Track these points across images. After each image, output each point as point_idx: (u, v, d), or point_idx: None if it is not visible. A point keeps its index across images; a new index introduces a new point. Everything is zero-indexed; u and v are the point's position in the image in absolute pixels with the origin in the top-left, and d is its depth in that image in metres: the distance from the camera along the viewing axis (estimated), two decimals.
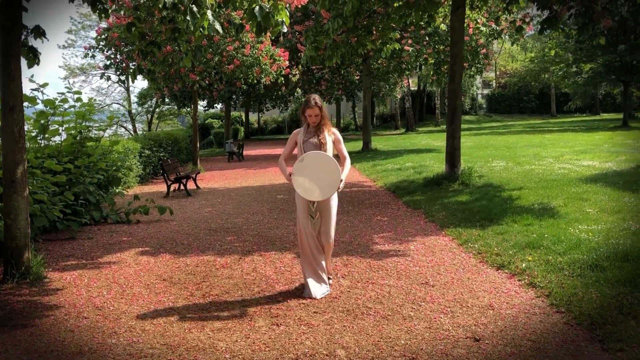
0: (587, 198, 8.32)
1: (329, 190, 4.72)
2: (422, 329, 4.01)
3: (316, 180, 4.69)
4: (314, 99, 4.85)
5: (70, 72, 40.73)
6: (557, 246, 5.72)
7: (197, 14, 5.85)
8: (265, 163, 20.02)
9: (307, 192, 4.74)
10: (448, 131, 11.10)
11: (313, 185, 4.71)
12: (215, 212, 9.67)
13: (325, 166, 4.68)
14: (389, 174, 13.55)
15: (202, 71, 17.04)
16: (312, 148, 4.81)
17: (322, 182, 4.69)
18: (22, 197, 5.60)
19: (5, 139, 5.54)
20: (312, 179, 4.70)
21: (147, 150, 15.68)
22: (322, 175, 4.68)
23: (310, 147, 4.82)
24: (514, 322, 4.05)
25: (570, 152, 15.59)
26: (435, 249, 6.29)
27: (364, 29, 12.05)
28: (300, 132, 4.98)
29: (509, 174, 11.84)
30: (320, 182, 4.69)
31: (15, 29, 5.45)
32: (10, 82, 5.47)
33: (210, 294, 5.06)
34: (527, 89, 51.03)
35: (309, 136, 4.89)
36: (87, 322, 4.42)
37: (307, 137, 4.90)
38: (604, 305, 4.16)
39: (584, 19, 9.18)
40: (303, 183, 4.72)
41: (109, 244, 7.36)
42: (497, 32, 18.52)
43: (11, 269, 5.55)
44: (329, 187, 4.70)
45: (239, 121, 42.12)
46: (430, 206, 8.83)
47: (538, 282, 4.82)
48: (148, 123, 41.43)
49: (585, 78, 31.72)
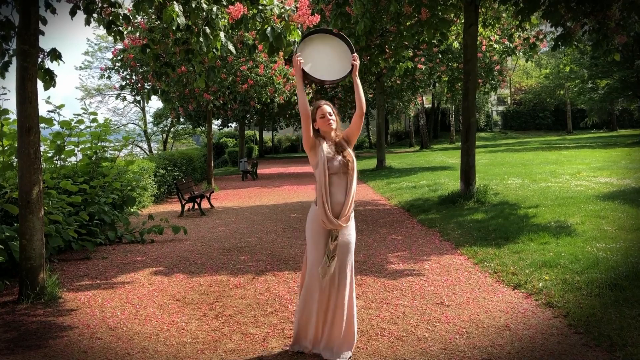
0: (605, 215, 8.20)
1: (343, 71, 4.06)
2: (437, 350, 3.95)
3: (328, 63, 4.06)
4: (320, 100, 4.01)
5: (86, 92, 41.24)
6: (574, 265, 5.63)
7: (210, 35, 5.92)
8: (279, 182, 20.05)
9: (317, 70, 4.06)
10: (463, 148, 11.05)
11: (324, 65, 4.06)
12: (229, 231, 9.67)
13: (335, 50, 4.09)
14: (403, 192, 13.49)
15: (216, 91, 17.18)
16: (338, 169, 3.76)
17: (334, 65, 4.07)
18: (38, 218, 5.65)
19: (22, 161, 5.61)
20: (322, 62, 4.06)
21: (162, 169, 15.79)
22: (333, 59, 4.07)
23: (336, 169, 3.76)
24: (531, 343, 3.97)
25: (587, 169, 15.41)
26: (451, 268, 6.22)
27: (376, 47, 12.11)
28: (324, 144, 3.85)
29: (524, 191, 11.73)
30: (332, 65, 4.07)
31: (32, 52, 5.54)
32: (27, 104, 5.55)
33: (224, 314, 5.03)
34: (543, 106, 50.76)
35: (332, 153, 3.80)
36: (100, 342, 4.42)
37: (330, 154, 3.80)
38: (623, 325, 4.07)
39: (598, 35, 9.14)
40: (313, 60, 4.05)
41: (123, 264, 7.38)
42: (510, 49, 18.51)
43: (26, 289, 5.57)
44: (343, 70, 4.06)
45: (253, 140, 42.38)
46: (445, 225, 8.76)
47: (555, 302, 4.74)
48: (163, 142, 41.78)
49: (601, 94, 31.49)
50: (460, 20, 12.35)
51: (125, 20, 6.01)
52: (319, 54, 4.04)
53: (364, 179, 18.20)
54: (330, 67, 4.06)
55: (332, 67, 4.06)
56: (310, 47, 4.03)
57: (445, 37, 12.28)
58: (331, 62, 4.07)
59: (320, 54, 4.05)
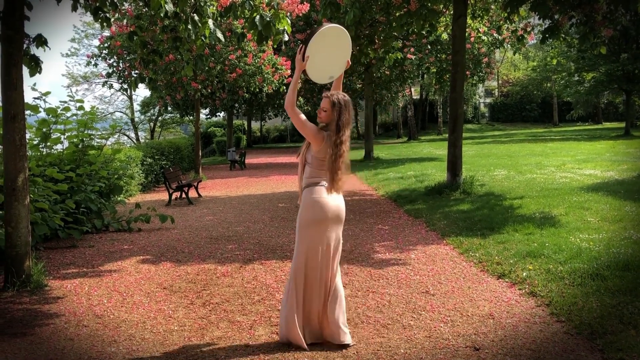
0: (589, 207, 8.31)
1: (342, 64, 4.10)
2: (422, 338, 4.00)
3: (329, 59, 4.04)
4: (330, 92, 3.95)
5: (73, 80, 40.83)
6: (558, 255, 5.71)
7: (198, 22, 5.89)
8: (267, 171, 20.03)
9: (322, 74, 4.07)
10: (450, 140, 11.11)
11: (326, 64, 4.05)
12: (217, 220, 9.67)
13: (337, 41, 4.02)
14: (390, 183, 13.55)
15: (204, 80, 17.10)
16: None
17: (335, 60, 4.07)
18: (23, 205, 5.62)
19: (7, 147, 5.56)
20: (326, 59, 4.02)
21: (149, 158, 15.71)
22: (335, 52, 4.05)
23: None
24: (514, 331, 4.04)
25: (572, 161, 15.58)
26: (436, 258, 6.28)
27: (366, 38, 12.10)
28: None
29: (510, 182, 11.83)
30: (333, 61, 4.06)
31: (17, 38, 5.48)
32: (12, 91, 5.50)
33: (211, 302, 5.05)
34: (530, 98, 51.09)
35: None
36: (87, 330, 4.42)
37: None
38: (604, 314, 4.15)
39: (585, 28, 9.21)
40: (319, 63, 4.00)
41: (110, 252, 7.36)
42: (499, 41, 18.57)
43: (12, 277, 5.55)
44: (341, 63, 4.09)
45: (241, 129, 42.20)
46: (432, 215, 8.83)
47: (538, 291, 4.81)
48: (151, 131, 41.52)
49: (587, 87, 31.75)
50: (449, 11, 12.37)
51: (112, 7, 5.96)
52: (325, 51, 3.98)
53: (351, 170, 18.20)
54: (329, 68, 4.08)
55: (332, 67, 4.09)
56: (320, 43, 3.93)
57: (434, 28, 12.28)
58: (331, 62, 4.07)
59: (327, 51, 3.99)
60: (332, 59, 4.05)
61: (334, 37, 4.00)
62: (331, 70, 4.10)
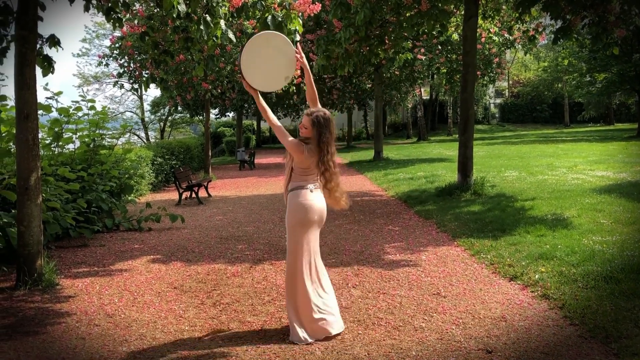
0: (601, 209, 8.23)
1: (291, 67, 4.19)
2: (433, 340, 3.97)
3: (272, 65, 4.09)
4: (311, 110, 4.11)
5: (84, 80, 41.04)
6: (570, 257, 5.66)
7: (210, 23, 5.90)
8: (276, 171, 20.04)
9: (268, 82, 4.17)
10: (460, 140, 11.05)
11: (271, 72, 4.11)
12: (227, 220, 9.68)
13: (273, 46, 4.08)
14: (400, 184, 13.51)
15: (214, 80, 17.13)
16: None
17: (279, 64, 4.13)
18: (36, 205, 5.65)
19: (20, 147, 5.60)
20: (266, 67, 4.08)
21: (160, 158, 15.77)
22: (276, 56, 4.10)
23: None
24: (527, 334, 4.00)
25: (584, 162, 15.44)
26: (447, 260, 6.25)
27: (376, 38, 12.07)
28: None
29: (521, 184, 11.75)
30: (277, 66, 4.13)
31: (31, 38, 5.52)
32: (25, 90, 5.53)
33: (221, 302, 5.05)
34: (540, 99, 50.71)
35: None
36: (98, 329, 4.43)
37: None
38: (618, 318, 4.10)
39: (597, 29, 9.12)
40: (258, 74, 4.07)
41: (120, 252, 7.38)
42: (510, 41, 18.48)
43: (24, 276, 5.58)
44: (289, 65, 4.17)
45: (250, 129, 42.28)
46: (442, 216, 8.78)
47: (551, 293, 4.77)
48: (161, 131, 41.69)
49: (599, 88, 31.48)
50: (460, 11, 12.32)
51: (124, 7, 5.99)
52: (261, 61, 4.07)
53: (361, 170, 18.21)
54: (277, 72, 4.16)
55: (279, 70, 4.16)
56: (250, 59, 4.04)
57: (445, 29, 12.24)
58: (276, 66, 4.14)
59: (263, 60, 4.07)
60: (275, 63, 4.13)
61: (262, 45, 4.09)
62: (279, 73, 4.19)
